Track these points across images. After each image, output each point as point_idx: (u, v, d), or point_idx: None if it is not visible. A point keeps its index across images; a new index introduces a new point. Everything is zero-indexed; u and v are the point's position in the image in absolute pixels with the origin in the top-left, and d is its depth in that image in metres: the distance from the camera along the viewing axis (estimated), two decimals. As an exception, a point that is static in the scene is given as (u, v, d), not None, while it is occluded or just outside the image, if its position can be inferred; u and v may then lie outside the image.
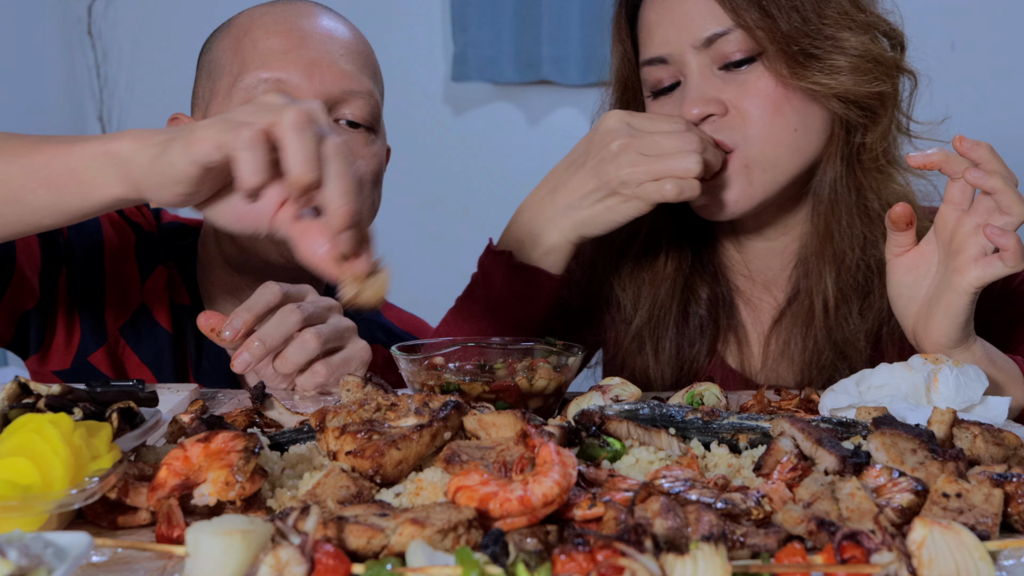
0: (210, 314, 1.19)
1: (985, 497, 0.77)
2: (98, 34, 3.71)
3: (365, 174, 1.34)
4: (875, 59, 1.32)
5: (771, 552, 0.70)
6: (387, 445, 0.81)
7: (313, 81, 1.32)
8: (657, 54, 1.36)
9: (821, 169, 1.38)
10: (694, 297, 1.47)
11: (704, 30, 1.32)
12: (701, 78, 1.33)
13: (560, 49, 3.60)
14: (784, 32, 1.29)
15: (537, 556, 0.67)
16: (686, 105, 1.32)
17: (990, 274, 1.13)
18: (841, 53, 1.30)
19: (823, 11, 1.31)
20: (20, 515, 0.72)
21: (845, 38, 1.30)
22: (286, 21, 1.37)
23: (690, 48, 1.33)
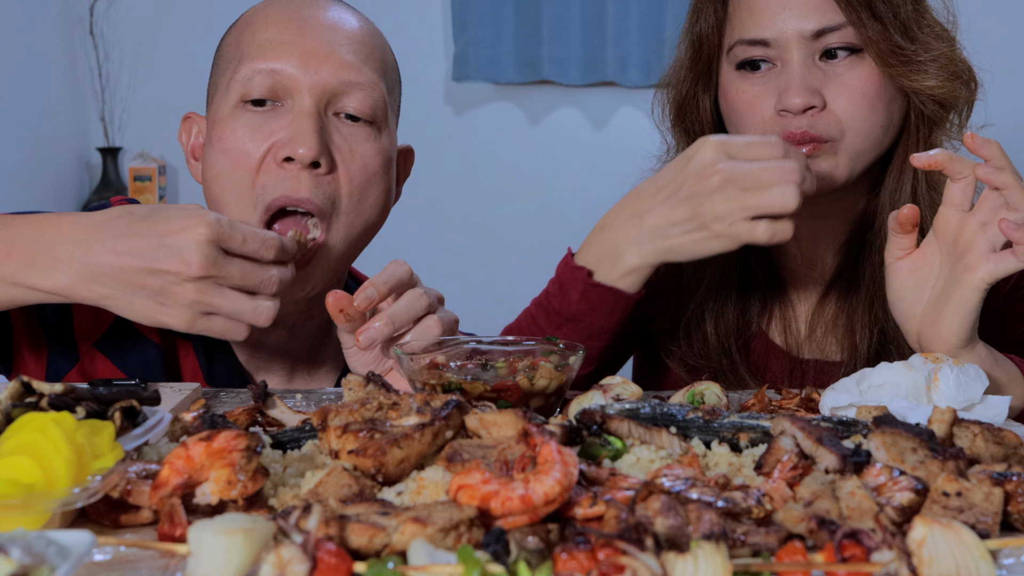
0: (339, 294, 1.17)
1: (985, 496, 0.77)
2: (100, 34, 3.71)
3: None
4: (958, 67, 1.40)
5: (772, 551, 0.71)
6: (389, 444, 0.82)
7: (309, 71, 1.28)
8: (762, 36, 1.38)
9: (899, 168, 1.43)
10: (749, 268, 1.50)
11: (817, 23, 1.36)
12: (805, 67, 1.37)
13: (561, 49, 3.60)
14: (889, 34, 1.35)
15: (538, 555, 0.67)
16: (790, 93, 1.35)
17: (1002, 269, 1.13)
18: (933, 60, 1.37)
19: (920, 20, 1.39)
20: (23, 513, 0.72)
21: (935, 45, 1.38)
22: (286, 12, 1.33)
23: (797, 36, 1.36)
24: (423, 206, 3.80)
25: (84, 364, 1.36)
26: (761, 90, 1.39)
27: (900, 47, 1.36)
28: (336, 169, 1.29)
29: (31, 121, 3.49)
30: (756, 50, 1.39)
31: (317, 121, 1.27)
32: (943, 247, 1.21)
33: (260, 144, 1.28)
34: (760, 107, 1.40)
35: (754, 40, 1.39)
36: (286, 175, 1.27)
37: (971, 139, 1.15)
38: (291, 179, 1.27)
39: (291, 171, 1.27)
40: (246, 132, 1.29)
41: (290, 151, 1.26)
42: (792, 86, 1.36)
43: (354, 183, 1.30)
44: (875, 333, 1.45)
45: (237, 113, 1.30)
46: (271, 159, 1.28)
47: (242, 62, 1.31)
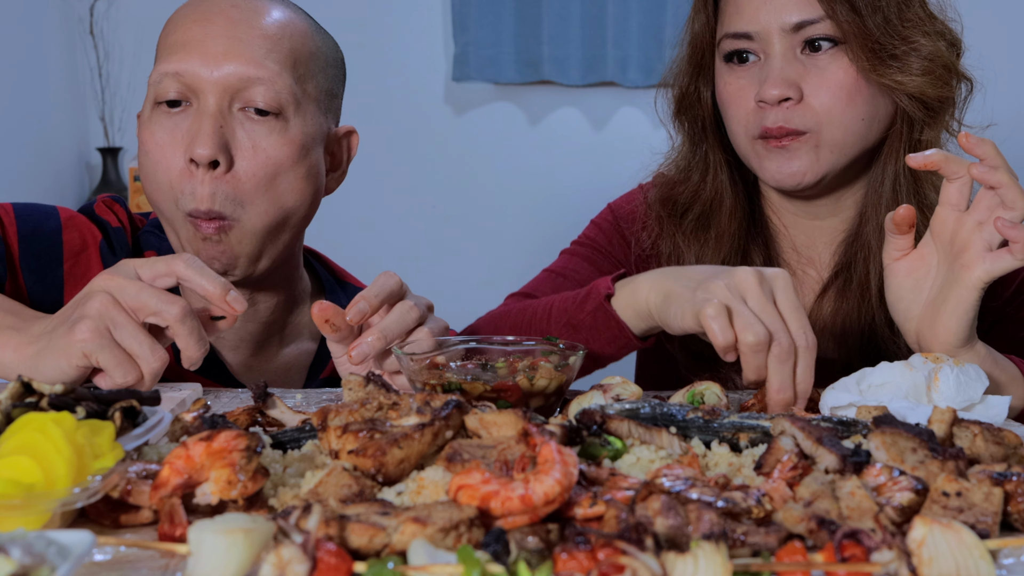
0: (324, 304, 1.18)
1: (985, 496, 0.77)
2: (100, 34, 3.71)
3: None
4: (943, 64, 1.40)
5: (772, 551, 0.71)
6: (389, 444, 0.82)
7: (210, 69, 1.30)
8: (745, 30, 1.43)
9: (881, 163, 1.46)
10: (750, 263, 1.51)
11: (795, 16, 1.40)
12: (784, 60, 1.41)
13: (561, 49, 3.61)
14: (868, 28, 1.37)
15: (538, 554, 0.67)
16: (767, 84, 1.40)
17: (999, 268, 1.14)
18: (916, 55, 1.39)
19: (904, 15, 1.40)
20: (23, 513, 0.72)
21: (920, 42, 1.39)
22: (196, 12, 1.35)
23: (778, 30, 1.41)
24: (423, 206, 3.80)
25: None
26: (745, 83, 1.44)
27: (879, 42, 1.38)
28: (235, 166, 1.31)
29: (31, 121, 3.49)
30: (741, 43, 1.44)
31: (216, 120, 1.30)
32: (940, 247, 1.21)
33: (174, 146, 1.32)
34: (743, 99, 1.44)
35: (738, 33, 1.44)
36: (195, 181, 1.30)
37: (965, 139, 1.15)
38: (198, 185, 1.30)
39: (198, 176, 1.30)
40: (161, 134, 1.33)
41: (191, 153, 1.29)
42: (770, 78, 1.40)
43: (258, 176, 1.32)
44: (866, 332, 1.47)
45: (155, 116, 1.34)
46: (183, 162, 1.31)
47: (156, 64, 1.35)
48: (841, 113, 1.40)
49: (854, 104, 1.40)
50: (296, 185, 1.37)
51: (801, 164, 1.42)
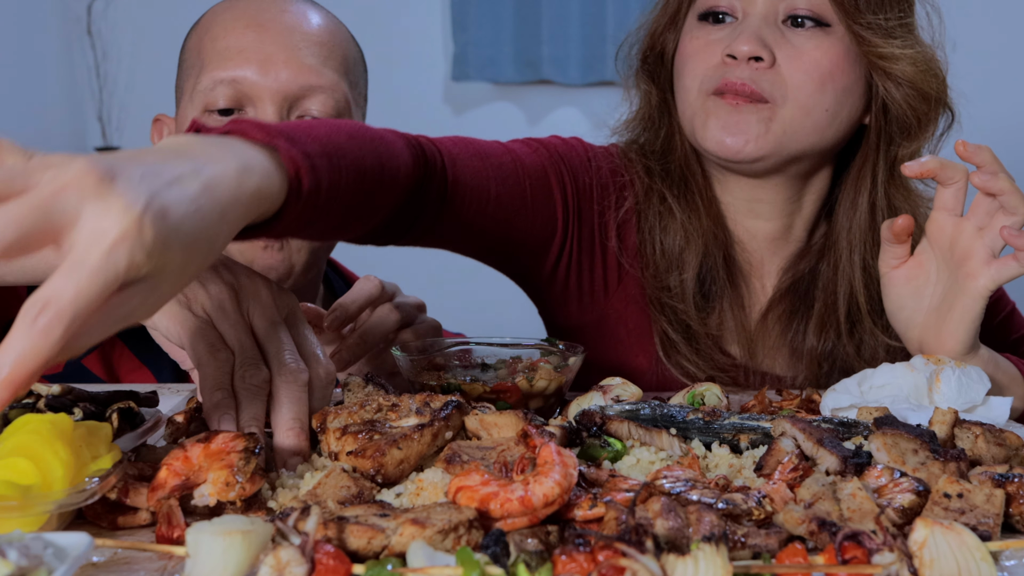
0: (307, 307, 1.16)
1: (986, 497, 0.77)
2: (98, 33, 3.71)
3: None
4: (935, 69, 1.34)
5: (772, 552, 0.70)
6: (388, 445, 0.81)
7: (268, 78, 1.28)
8: None
9: (853, 185, 1.39)
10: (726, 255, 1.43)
11: None
12: (764, 21, 1.32)
13: (560, 49, 3.60)
14: (862, 11, 1.29)
15: (538, 556, 0.67)
16: (740, 39, 1.29)
17: (1004, 275, 1.13)
18: (909, 47, 1.32)
19: (904, 18, 1.33)
20: (20, 515, 0.72)
21: (915, 40, 1.34)
22: (244, 17, 1.33)
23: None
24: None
25: (105, 347, 1.40)
26: (715, 39, 1.34)
27: (875, 26, 1.30)
28: None
29: (28, 120, 3.48)
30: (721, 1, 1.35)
31: None
32: (939, 253, 1.20)
33: None
34: (709, 54, 1.34)
35: None
36: None
37: (962, 147, 1.14)
38: None
39: None
40: None
41: None
42: (744, 33, 1.30)
43: None
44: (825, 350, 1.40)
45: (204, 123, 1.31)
46: None
47: (203, 70, 1.32)
48: (809, 95, 1.30)
49: (824, 90, 1.31)
50: None
51: (747, 132, 1.30)
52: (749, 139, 1.30)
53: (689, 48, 1.37)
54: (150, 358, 1.42)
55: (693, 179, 1.42)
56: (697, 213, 1.41)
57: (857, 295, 1.38)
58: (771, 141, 1.30)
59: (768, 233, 1.43)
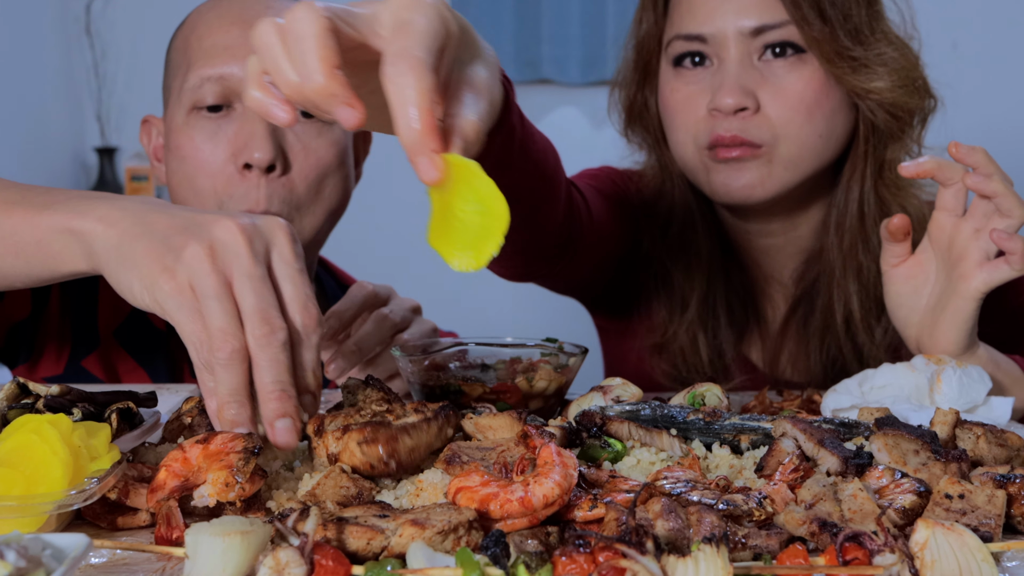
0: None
1: (988, 498, 0.76)
2: (96, 33, 3.71)
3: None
4: (912, 77, 1.35)
5: (773, 553, 0.70)
6: (400, 431, 0.81)
7: None
8: (699, 31, 1.34)
9: (845, 185, 1.40)
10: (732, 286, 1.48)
11: (755, 19, 1.32)
12: (741, 67, 1.33)
13: (560, 48, 3.60)
14: (837, 36, 1.30)
15: (538, 557, 0.67)
16: (722, 92, 1.31)
17: (996, 278, 1.13)
18: (883, 65, 1.33)
19: (873, 26, 1.34)
20: (19, 516, 0.72)
21: (888, 52, 1.33)
22: (230, 14, 1.34)
23: (735, 33, 1.33)
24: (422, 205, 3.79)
25: (103, 349, 1.41)
26: (696, 89, 1.35)
27: (847, 48, 1.31)
28: (290, 169, 1.32)
29: (27, 121, 3.48)
30: (693, 45, 1.35)
31: (269, 124, 1.29)
32: (938, 253, 1.20)
33: (217, 151, 1.31)
34: (693, 107, 1.36)
35: (691, 35, 1.35)
36: (247, 185, 1.30)
37: (955, 148, 1.13)
38: (252, 189, 1.29)
39: (251, 180, 1.30)
40: (202, 139, 1.31)
41: (246, 157, 1.29)
42: (725, 85, 1.31)
43: (310, 179, 1.33)
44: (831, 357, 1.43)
45: (191, 120, 1.32)
46: (232, 167, 1.30)
47: (190, 68, 1.33)
48: (799, 128, 1.33)
49: (812, 119, 1.33)
50: (340, 186, 1.38)
51: (751, 177, 1.34)
52: (755, 185, 1.34)
53: (671, 101, 1.38)
54: (146, 359, 1.42)
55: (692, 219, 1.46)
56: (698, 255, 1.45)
57: (850, 300, 1.40)
58: (776, 182, 1.35)
59: (780, 246, 1.47)
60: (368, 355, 1.21)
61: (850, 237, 1.40)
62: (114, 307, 1.42)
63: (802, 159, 1.35)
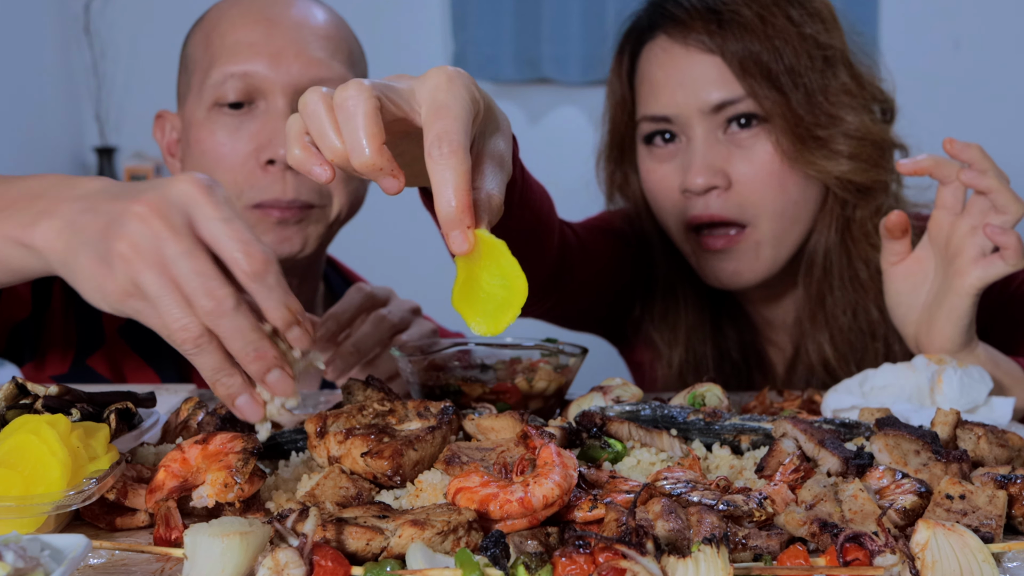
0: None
1: (989, 499, 0.76)
2: (95, 32, 3.70)
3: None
4: (873, 142, 1.36)
5: (773, 554, 0.70)
6: (405, 446, 0.81)
7: (280, 71, 1.31)
8: (662, 113, 1.38)
9: (815, 238, 1.42)
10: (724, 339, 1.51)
11: (715, 96, 1.35)
12: (706, 145, 1.36)
13: (560, 47, 3.60)
14: (791, 106, 1.32)
15: (538, 558, 0.66)
16: (691, 173, 1.35)
17: (991, 274, 1.13)
18: (843, 136, 1.34)
19: (827, 87, 1.35)
20: (18, 516, 0.71)
21: (847, 119, 1.35)
22: (252, 12, 1.35)
23: (697, 112, 1.36)
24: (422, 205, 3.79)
25: (108, 346, 1.41)
26: (668, 169, 1.40)
27: (803, 122, 1.33)
28: None
29: (26, 120, 3.48)
30: (660, 125, 1.39)
31: None
32: (936, 250, 1.20)
33: (238, 146, 1.31)
34: (667, 188, 1.40)
35: (656, 116, 1.39)
36: (270, 179, 1.30)
37: (950, 144, 1.14)
38: (276, 181, 1.30)
39: (275, 173, 1.30)
40: (223, 135, 1.32)
41: (271, 153, 1.29)
42: (693, 165, 1.35)
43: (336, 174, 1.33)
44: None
45: (213, 116, 1.33)
46: (253, 162, 1.31)
47: (213, 65, 1.33)
48: (773, 200, 1.36)
49: (785, 189, 1.36)
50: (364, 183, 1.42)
51: (739, 265, 1.38)
52: (743, 271, 1.38)
53: (648, 182, 1.43)
54: (152, 357, 1.42)
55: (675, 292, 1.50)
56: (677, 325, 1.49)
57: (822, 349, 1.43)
58: (764, 264, 1.39)
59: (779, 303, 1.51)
60: (367, 356, 1.22)
61: (816, 288, 1.42)
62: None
63: (785, 231, 1.39)
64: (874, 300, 1.37)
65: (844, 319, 1.40)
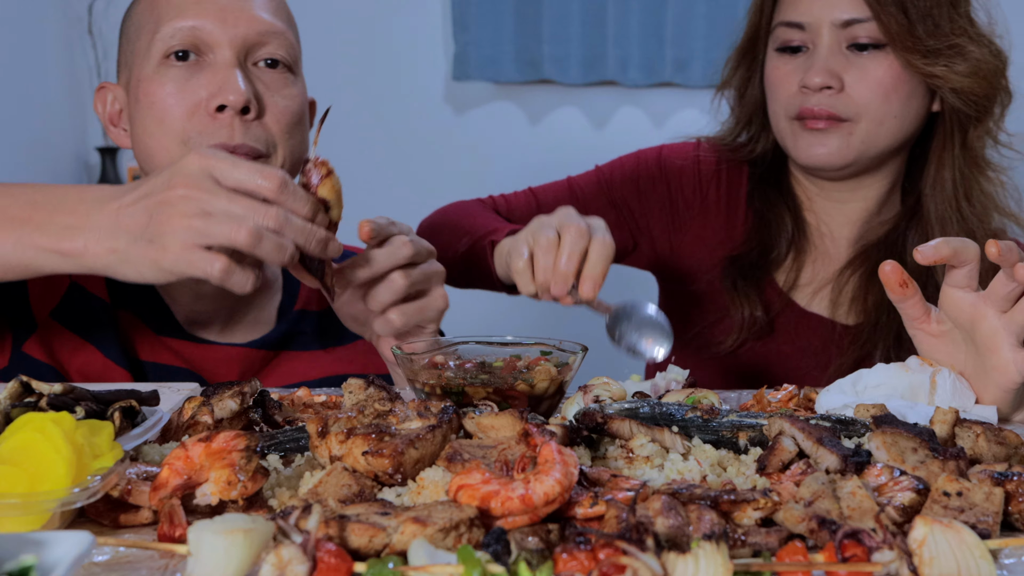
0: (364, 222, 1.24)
1: (986, 496, 0.77)
2: (98, 33, 3.71)
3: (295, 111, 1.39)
4: (988, 72, 1.53)
5: (772, 550, 0.71)
6: (406, 444, 0.81)
7: (227, 26, 1.34)
8: (798, 20, 1.57)
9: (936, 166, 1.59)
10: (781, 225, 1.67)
11: (846, 13, 1.53)
12: (830, 52, 1.55)
13: (561, 48, 3.60)
14: (916, 32, 1.50)
15: (539, 555, 0.67)
16: (811, 72, 1.54)
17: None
18: (962, 59, 1.51)
19: (954, 22, 1.52)
20: (23, 513, 0.72)
21: (968, 48, 1.52)
22: None
23: (828, 24, 1.54)
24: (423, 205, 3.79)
25: (41, 331, 1.42)
26: (791, 68, 1.58)
27: (921, 39, 1.49)
28: (264, 114, 1.36)
29: (29, 121, 3.48)
30: (793, 32, 1.58)
31: (242, 70, 1.34)
32: (962, 329, 1.14)
33: (187, 96, 1.34)
34: (788, 83, 1.58)
35: (791, 23, 1.58)
36: (218, 124, 1.33)
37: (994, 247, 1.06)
38: (224, 128, 1.33)
39: (223, 120, 1.33)
40: (173, 86, 1.35)
41: (221, 99, 1.32)
42: (815, 66, 1.54)
43: (282, 124, 1.37)
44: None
45: (162, 70, 1.35)
46: (202, 111, 1.33)
47: (160, 23, 1.37)
48: (878, 107, 1.53)
49: (889, 101, 1.53)
50: (304, 140, 1.43)
51: (831, 147, 1.55)
52: (833, 152, 1.56)
53: (771, 78, 1.62)
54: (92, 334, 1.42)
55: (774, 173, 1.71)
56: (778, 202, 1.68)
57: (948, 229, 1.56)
58: (853, 151, 1.56)
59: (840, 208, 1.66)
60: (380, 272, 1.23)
61: (947, 207, 1.58)
62: (45, 289, 1.43)
63: (878, 136, 1.55)
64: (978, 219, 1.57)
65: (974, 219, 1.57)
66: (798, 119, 1.57)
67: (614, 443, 0.93)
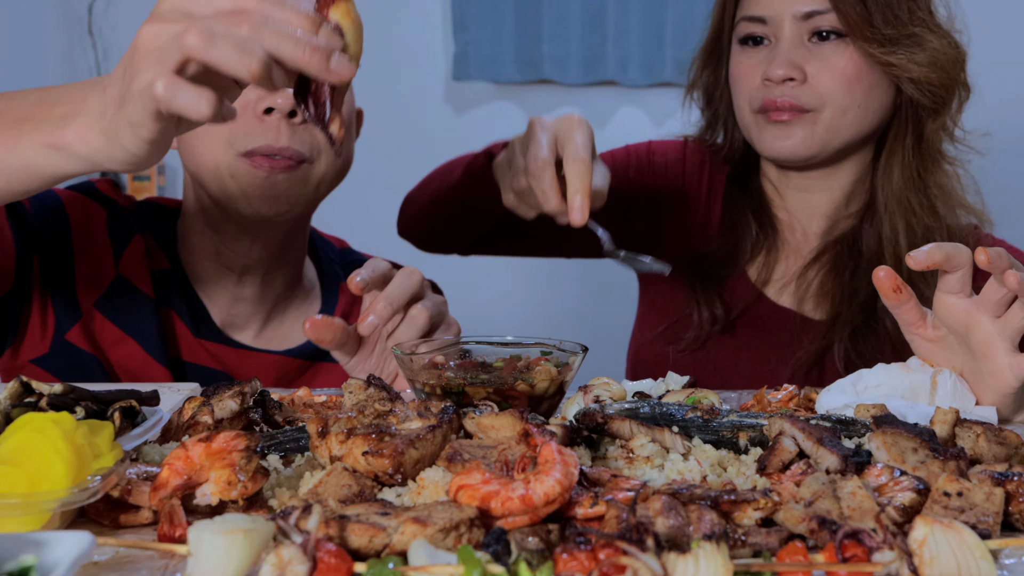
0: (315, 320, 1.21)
1: (986, 496, 0.77)
2: (98, 33, 3.71)
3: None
4: (947, 61, 1.54)
5: (772, 551, 0.71)
6: (406, 444, 0.82)
7: None
8: (760, 14, 1.59)
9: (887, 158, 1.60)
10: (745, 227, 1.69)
11: (807, 6, 1.55)
12: (792, 44, 1.56)
13: (561, 48, 3.60)
14: (874, 22, 1.51)
15: (539, 555, 0.67)
16: (774, 65, 1.56)
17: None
18: (921, 49, 1.53)
19: (913, 13, 1.53)
20: (23, 513, 0.72)
21: (927, 38, 1.53)
22: None
23: (790, 17, 1.56)
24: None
25: (85, 320, 1.42)
26: (755, 62, 1.60)
27: (879, 29, 1.51)
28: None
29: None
30: (755, 26, 1.59)
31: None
32: (956, 333, 1.14)
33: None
34: (751, 76, 1.59)
35: (753, 17, 1.60)
36: (265, 127, 1.32)
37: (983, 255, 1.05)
38: (271, 129, 1.32)
39: (270, 123, 1.32)
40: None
41: (269, 102, 1.31)
42: (777, 58, 1.56)
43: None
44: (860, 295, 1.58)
45: None
46: (250, 113, 1.33)
47: None
48: (841, 97, 1.54)
49: (852, 91, 1.54)
50: (350, 145, 1.45)
51: (795, 139, 1.56)
52: (798, 143, 1.57)
53: (735, 72, 1.64)
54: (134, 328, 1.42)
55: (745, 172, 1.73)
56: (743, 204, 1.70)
57: (900, 252, 1.55)
58: (818, 140, 1.57)
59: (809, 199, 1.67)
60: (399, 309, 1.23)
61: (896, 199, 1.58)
62: (93, 277, 1.43)
63: (841, 126, 1.56)
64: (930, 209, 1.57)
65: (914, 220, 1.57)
66: (762, 112, 1.58)
67: (614, 443, 0.93)
